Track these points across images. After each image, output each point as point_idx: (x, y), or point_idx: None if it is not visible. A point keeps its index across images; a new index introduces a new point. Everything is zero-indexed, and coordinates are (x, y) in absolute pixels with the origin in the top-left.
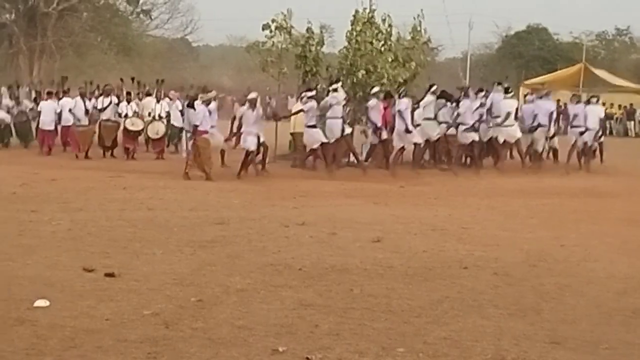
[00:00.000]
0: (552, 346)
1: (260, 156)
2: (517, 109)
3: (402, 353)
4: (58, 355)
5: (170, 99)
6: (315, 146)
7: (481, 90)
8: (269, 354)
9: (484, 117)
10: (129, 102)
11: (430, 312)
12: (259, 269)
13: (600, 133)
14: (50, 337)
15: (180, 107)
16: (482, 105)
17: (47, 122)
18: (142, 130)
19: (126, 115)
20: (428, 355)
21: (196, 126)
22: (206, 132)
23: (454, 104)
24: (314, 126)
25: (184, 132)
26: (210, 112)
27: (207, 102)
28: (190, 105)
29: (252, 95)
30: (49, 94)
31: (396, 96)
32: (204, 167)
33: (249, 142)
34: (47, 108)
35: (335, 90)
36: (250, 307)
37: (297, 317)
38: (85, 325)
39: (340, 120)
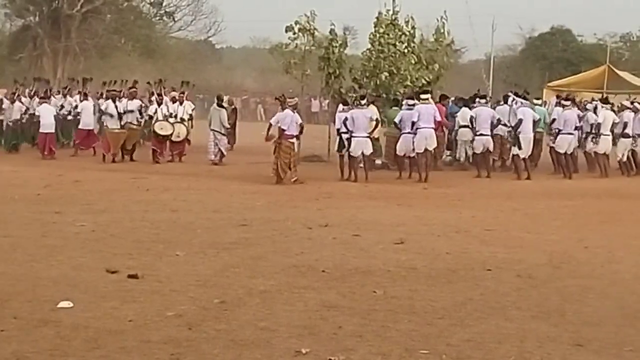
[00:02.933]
0: (576, 348)
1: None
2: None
3: (425, 355)
4: (81, 356)
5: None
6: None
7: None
8: (292, 355)
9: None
10: (159, 104)
11: (453, 314)
12: (282, 270)
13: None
14: (73, 337)
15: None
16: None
17: (47, 125)
18: (172, 134)
19: (156, 118)
20: (451, 357)
21: (283, 130)
22: (292, 136)
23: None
24: (410, 133)
25: (212, 132)
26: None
27: (293, 107)
28: (221, 106)
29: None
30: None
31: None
32: (279, 170)
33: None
34: (46, 111)
35: (425, 99)
36: (274, 308)
37: (320, 319)
38: (109, 326)
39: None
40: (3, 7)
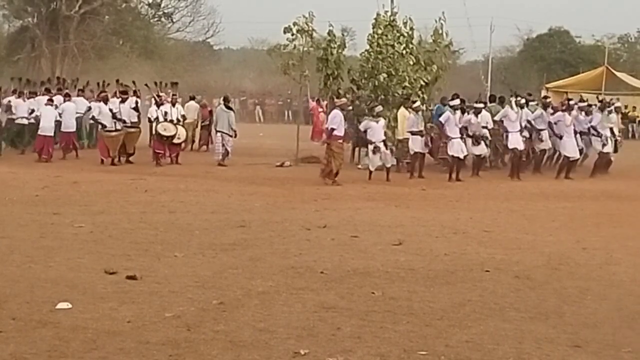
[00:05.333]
0: (574, 349)
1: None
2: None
3: (424, 356)
4: (80, 357)
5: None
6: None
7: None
8: (290, 356)
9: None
10: (159, 106)
11: (451, 315)
12: (280, 271)
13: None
14: (72, 339)
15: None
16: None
17: (46, 127)
18: (175, 135)
19: (157, 120)
20: (450, 359)
21: (333, 130)
22: (341, 137)
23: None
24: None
25: (219, 133)
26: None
27: (341, 107)
28: (228, 108)
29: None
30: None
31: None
32: (332, 172)
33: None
34: (47, 113)
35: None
36: (272, 309)
37: (318, 320)
38: (107, 327)
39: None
40: (1, 8)
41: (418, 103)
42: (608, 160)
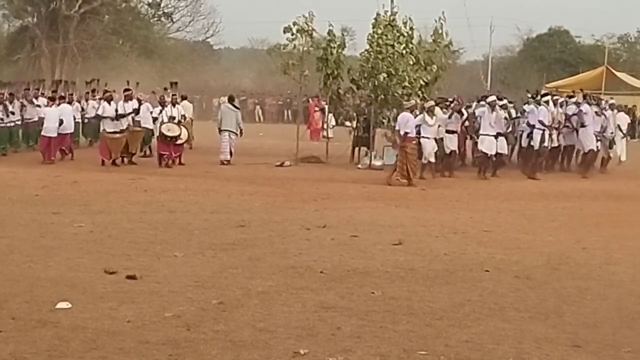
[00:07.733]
0: (574, 349)
1: None
2: None
3: (424, 356)
4: (80, 357)
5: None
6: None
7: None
8: (290, 356)
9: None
10: (162, 107)
11: (451, 315)
12: (280, 271)
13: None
14: (71, 338)
15: (150, 109)
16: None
17: (50, 128)
18: (179, 135)
19: (161, 121)
20: (449, 358)
21: (407, 133)
22: (414, 139)
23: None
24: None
25: (225, 132)
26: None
27: (411, 110)
28: (235, 107)
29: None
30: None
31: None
32: (409, 173)
33: None
34: (51, 114)
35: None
36: (272, 309)
37: (318, 320)
38: (107, 327)
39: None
40: (1, 7)
41: (432, 103)
42: (608, 157)
